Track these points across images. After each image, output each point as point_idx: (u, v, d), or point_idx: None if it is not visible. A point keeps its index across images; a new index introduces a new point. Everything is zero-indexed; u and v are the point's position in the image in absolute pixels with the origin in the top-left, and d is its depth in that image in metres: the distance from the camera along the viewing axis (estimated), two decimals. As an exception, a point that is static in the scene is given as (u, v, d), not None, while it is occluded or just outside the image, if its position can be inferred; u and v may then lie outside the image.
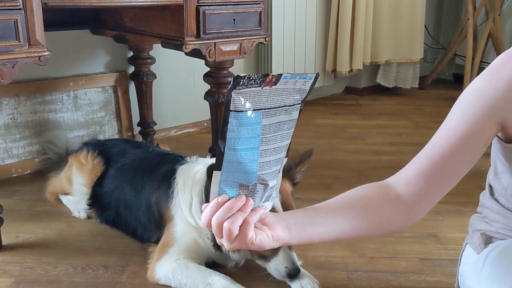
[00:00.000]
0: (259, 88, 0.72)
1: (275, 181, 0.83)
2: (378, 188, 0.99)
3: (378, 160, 2.45)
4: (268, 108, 0.74)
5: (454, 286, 1.24)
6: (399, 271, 1.49)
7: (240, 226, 0.79)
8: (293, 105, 0.77)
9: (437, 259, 1.55)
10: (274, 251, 1.30)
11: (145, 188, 1.57)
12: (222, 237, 0.81)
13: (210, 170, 1.19)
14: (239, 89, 0.70)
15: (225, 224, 0.79)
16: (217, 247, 1.39)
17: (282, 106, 0.76)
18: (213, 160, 0.93)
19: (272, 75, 0.72)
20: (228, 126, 0.73)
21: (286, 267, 1.30)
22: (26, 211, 1.88)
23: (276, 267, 1.31)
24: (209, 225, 0.81)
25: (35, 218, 1.82)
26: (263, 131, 0.75)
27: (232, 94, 0.71)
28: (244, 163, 0.76)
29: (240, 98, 0.71)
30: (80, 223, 1.79)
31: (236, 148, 0.75)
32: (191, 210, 1.42)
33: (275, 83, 0.73)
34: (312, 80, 0.76)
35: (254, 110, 0.73)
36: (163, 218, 1.50)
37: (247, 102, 0.72)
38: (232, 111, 0.72)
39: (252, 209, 0.80)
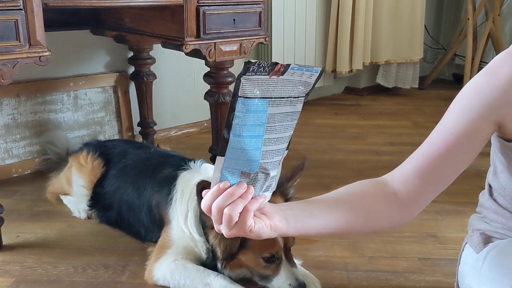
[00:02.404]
0: (267, 77, 0.73)
1: (276, 172, 0.84)
2: (375, 184, 1.00)
3: (378, 160, 2.46)
4: (274, 98, 0.75)
5: (454, 286, 1.24)
6: (399, 271, 1.49)
7: (240, 213, 0.79)
8: (298, 97, 0.78)
9: (436, 259, 1.55)
10: (276, 270, 1.28)
11: (147, 190, 1.57)
12: (221, 223, 0.81)
13: (199, 186, 1.13)
14: (249, 75, 0.71)
15: (226, 210, 0.79)
16: (212, 262, 1.36)
17: (287, 97, 0.77)
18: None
19: (281, 65, 0.72)
20: (235, 112, 0.74)
21: (290, 285, 1.27)
22: (27, 211, 1.88)
23: (280, 285, 1.29)
24: (209, 210, 0.81)
25: (35, 218, 1.83)
26: (268, 120, 0.76)
27: (242, 80, 0.72)
28: (248, 150, 0.77)
29: (249, 84, 0.72)
30: (80, 223, 1.79)
31: (241, 134, 0.76)
32: (187, 222, 1.41)
33: (283, 73, 0.73)
34: (318, 74, 0.77)
35: (261, 98, 0.74)
36: (163, 220, 1.50)
37: (255, 89, 0.73)
38: (240, 97, 0.73)
39: (252, 197, 0.80)
